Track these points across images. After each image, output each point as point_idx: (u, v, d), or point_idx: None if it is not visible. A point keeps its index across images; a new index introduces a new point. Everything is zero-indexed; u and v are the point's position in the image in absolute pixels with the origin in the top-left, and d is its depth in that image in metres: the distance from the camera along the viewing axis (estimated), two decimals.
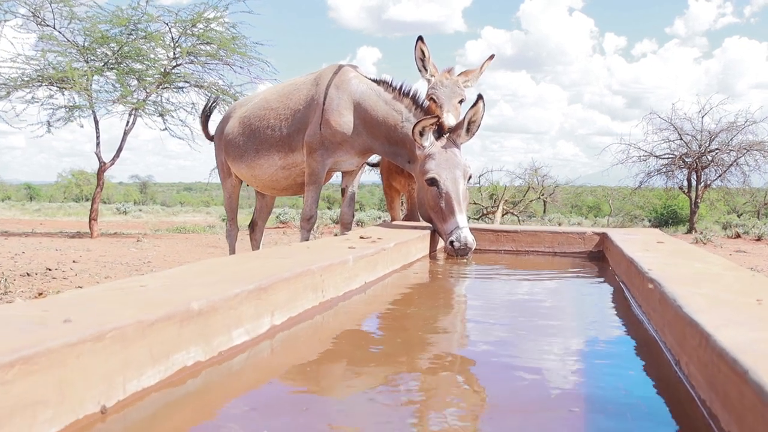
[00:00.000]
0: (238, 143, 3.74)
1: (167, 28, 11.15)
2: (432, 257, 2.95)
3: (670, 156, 17.36)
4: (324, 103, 3.22)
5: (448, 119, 3.00)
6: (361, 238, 2.33)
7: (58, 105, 11.10)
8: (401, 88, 3.19)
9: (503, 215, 17.17)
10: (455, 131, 2.97)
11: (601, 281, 2.31)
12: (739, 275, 1.46)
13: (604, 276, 2.40)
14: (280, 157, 3.49)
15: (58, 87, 10.88)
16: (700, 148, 16.84)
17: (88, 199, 10.55)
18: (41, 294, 4.54)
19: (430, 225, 3.06)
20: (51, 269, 6.46)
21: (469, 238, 2.79)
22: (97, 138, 11.69)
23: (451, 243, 2.81)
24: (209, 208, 33.94)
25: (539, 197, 19.73)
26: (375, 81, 3.28)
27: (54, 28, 11.03)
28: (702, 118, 16.92)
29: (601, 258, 2.99)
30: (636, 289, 1.71)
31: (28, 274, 6.02)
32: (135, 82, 11.33)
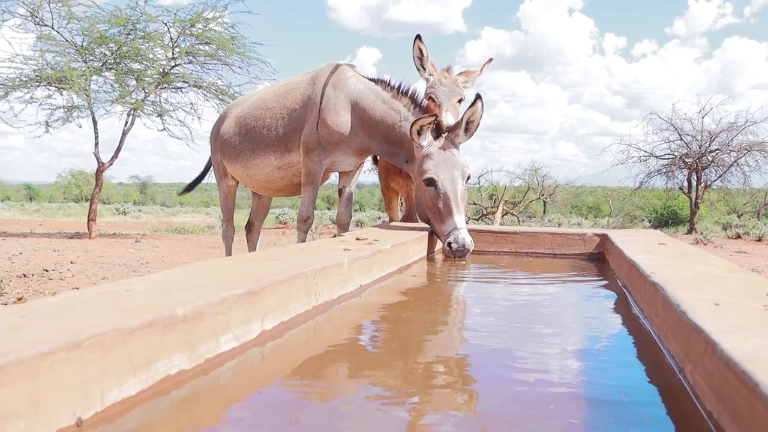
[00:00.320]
0: (233, 143, 3.70)
1: (166, 28, 11.12)
2: (430, 259, 2.91)
3: (670, 156, 17.32)
4: (321, 103, 3.18)
5: (446, 118, 2.96)
6: (358, 239, 2.29)
7: (56, 105, 11.07)
8: (399, 87, 3.15)
9: (503, 216, 17.12)
10: (453, 131, 2.92)
11: (602, 284, 2.27)
12: (743, 278, 1.42)
13: (604, 278, 2.36)
14: (276, 158, 3.45)
15: (56, 87, 10.84)
16: (700, 148, 16.80)
17: (87, 200, 10.49)
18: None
19: (428, 226, 3.02)
20: (48, 270, 6.42)
21: (467, 239, 2.75)
22: (96, 138, 11.66)
23: (449, 244, 2.77)
24: (209, 208, 33.89)
25: (539, 198, 19.68)
26: (373, 80, 3.23)
27: (52, 28, 11.00)
28: (702, 118, 16.89)
29: (602, 260, 2.95)
30: (637, 293, 1.67)
31: (24, 275, 5.98)
32: (133, 82, 11.29)
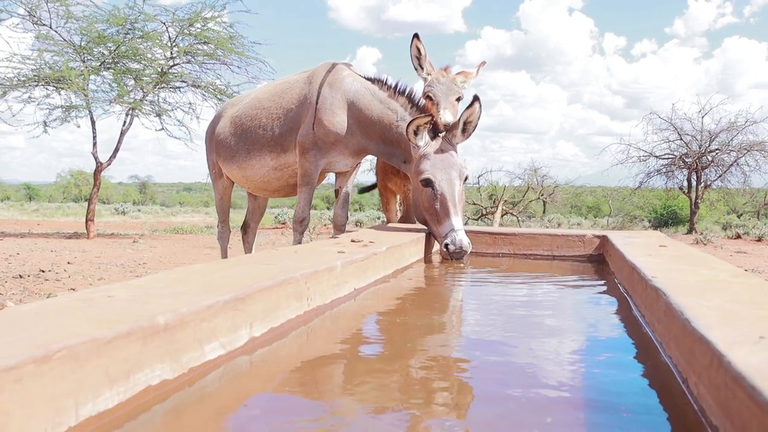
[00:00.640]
0: (229, 144, 3.65)
1: (164, 27, 11.08)
2: (427, 261, 2.86)
3: (670, 156, 17.28)
4: (317, 102, 3.13)
5: (444, 115, 2.91)
6: (353, 241, 2.25)
7: (54, 105, 11.03)
8: (396, 86, 3.10)
9: (503, 215, 17.07)
10: (451, 131, 2.88)
11: (602, 288, 2.22)
12: (748, 283, 1.38)
13: (604, 282, 2.32)
14: (272, 158, 3.41)
15: (54, 87, 10.80)
16: (700, 148, 16.76)
17: (86, 200, 10.46)
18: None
19: (425, 227, 2.98)
20: (44, 271, 6.38)
21: (465, 241, 2.71)
22: (94, 138, 11.61)
23: (446, 246, 2.72)
24: (208, 208, 33.86)
25: (539, 197, 19.61)
26: (369, 79, 3.19)
27: (50, 27, 10.96)
28: (702, 118, 16.86)
29: (602, 261, 2.91)
30: (638, 297, 1.62)
31: (20, 276, 5.94)
32: (132, 81, 11.25)
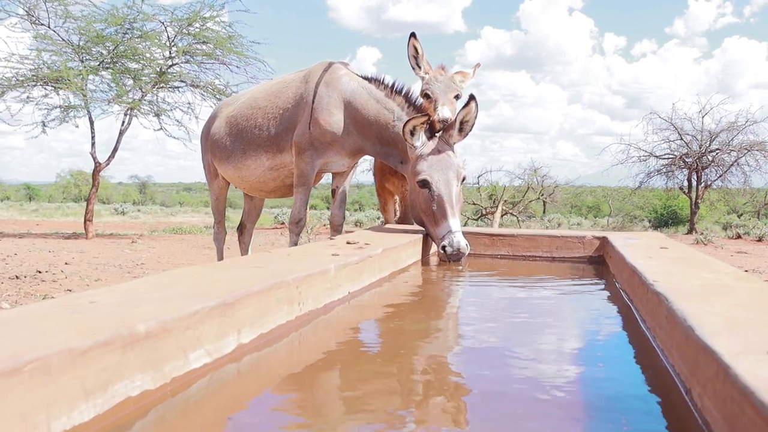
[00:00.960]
0: (224, 144, 3.61)
1: (163, 27, 11.04)
2: (425, 263, 2.82)
3: (670, 156, 17.24)
4: (313, 102, 3.09)
5: (443, 112, 2.87)
6: (348, 243, 2.20)
7: (53, 105, 10.99)
8: (393, 85, 3.06)
9: (502, 216, 17.03)
10: (447, 131, 2.84)
11: (602, 291, 2.18)
12: (752, 288, 1.34)
13: (604, 285, 2.27)
14: (267, 158, 3.36)
15: (53, 87, 10.76)
16: (700, 148, 16.72)
17: (86, 200, 10.41)
18: None
19: (423, 228, 2.94)
20: (41, 272, 6.34)
21: (462, 242, 2.67)
22: (92, 138, 11.58)
23: (444, 248, 2.68)
24: (208, 208, 33.77)
25: (539, 197, 19.56)
26: (366, 78, 3.15)
27: (49, 27, 10.92)
28: (702, 118, 16.81)
29: (602, 263, 2.87)
30: (639, 301, 1.58)
31: (17, 276, 5.90)
32: (130, 81, 11.21)
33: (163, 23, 11.00)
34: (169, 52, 11.27)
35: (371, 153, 3.13)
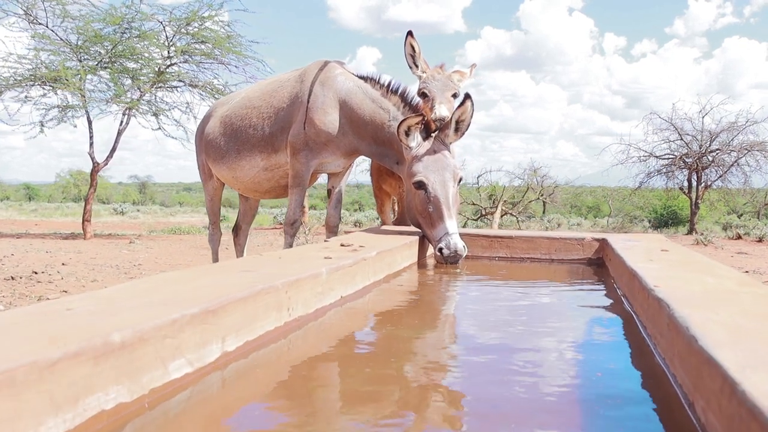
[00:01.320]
0: (218, 144, 3.56)
1: (161, 26, 10.99)
2: (421, 265, 2.77)
3: (670, 156, 17.19)
4: (308, 101, 3.05)
5: (440, 110, 2.82)
6: (342, 245, 2.16)
7: (51, 105, 10.94)
8: (389, 84, 3.02)
9: (502, 216, 16.98)
10: (443, 131, 2.79)
11: (601, 295, 2.13)
12: (757, 293, 1.29)
13: (604, 288, 2.23)
14: (262, 158, 3.32)
15: (51, 86, 10.71)
16: (700, 148, 16.67)
17: (84, 200, 10.35)
18: None
19: (419, 230, 2.89)
20: (37, 273, 6.29)
21: (459, 244, 2.62)
22: (91, 138, 11.52)
23: (440, 250, 2.63)
24: None
25: (538, 198, 19.50)
26: (362, 77, 3.10)
27: (47, 26, 10.88)
28: (702, 118, 16.76)
29: (601, 265, 2.83)
30: (639, 306, 1.54)
31: (12, 277, 5.85)
32: (129, 81, 11.16)
33: (162, 23, 10.96)
34: (168, 51, 11.22)
35: (366, 153, 3.09)
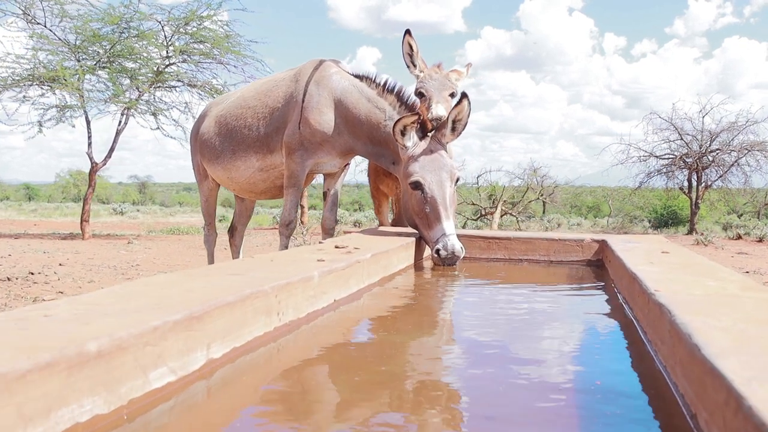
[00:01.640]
0: (213, 144, 3.52)
1: (160, 26, 10.95)
2: (418, 267, 2.73)
3: (670, 156, 17.15)
4: (303, 101, 3.01)
5: (437, 109, 2.78)
6: (337, 247, 2.12)
7: (49, 105, 10.90)
8: (385, 84, 2.98)
9: (502, 216, 16.94)
10: (440, 130, 2.75)
11: (601, 299, 2.08)
12: (761, 298, 1.25)
13: (603, 291, 2.18)
14: (257, 159, 3.27)
15: (49, 86, 10.67)
16: (700, 148, 16.63)
17: (83, 200, 10.31)
18: None
19: (417, 231, 2.85)
20: (33, 273, 6.25)
21: (457, 246, 2.58)
22: (89, 138, 11.49)
23: (437, 251, 2.59)
24: None
25: (538, 198, 19.46)
26: (358, 76, 3.06)
27: (45, 26, 10.84)
28: (702, 118, 16.72)
29: (601, 266, 2.78)
30: (640, 311, 1.50)
31: (8, 278, 5.81)
32: (127, 81, 11.12)
33: (160, 22, 10.91)
34: (166, 51, 11.18)
35: (362, 153, 3.04)
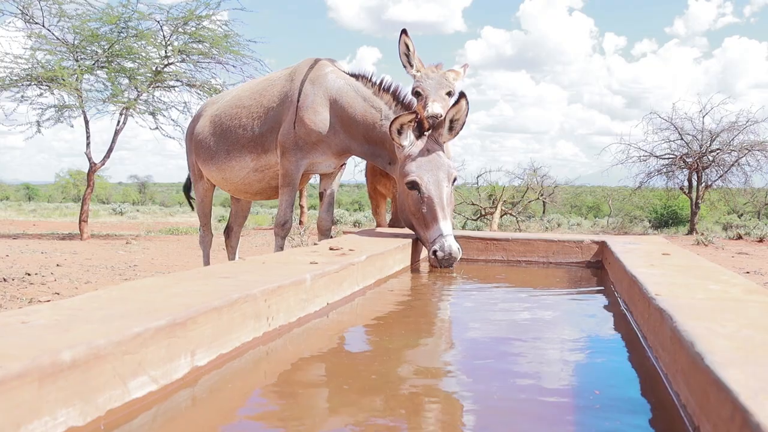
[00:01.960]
0: (208, 144, 3.48)
1: (158, 26, 10.91)
2: (414, 269, 2.69)
3: (670, 156, 17.11)
4: (298, 100, 2.97)
5: (433, 107, 2.75)
6: (331, 249, 2.08)
7: (47, 105, 10.87)
8: (381, 83, 2.94)
9: (501, 216, 16.90)
10: (437, 130, 2.71)
11: (600, 303, 2.04)
12: (765, 302, 1.22)
13: (603, 294, 2.14)
14: (252, 159, 3.23)
15: (47, 86, 10.63)
16: (700, 148, 16.58)
17: (81, 200, 10.27)
18: None
19: (414, 232, 2.81)
20: (30, 274, 6.21)
21: (454, 246, 2.53)
22: (87, 138, 11.44)
23: (435, 253, 2.55)
24: None
25: (538, 197, 19.42)
26: (353, 75, 3.02)
27: (43, 26, 10.80)
28: (703, 117, 16.68)
29: (600, 267, 2.75)
30: (640, 316, 1.46)
31: (4, 279, 5.77)
32: (126, 80, 11.08)
33: (159, 22, 10.88)
34: (165, 51, 11.14)
35: (358, 153, 3.00)
